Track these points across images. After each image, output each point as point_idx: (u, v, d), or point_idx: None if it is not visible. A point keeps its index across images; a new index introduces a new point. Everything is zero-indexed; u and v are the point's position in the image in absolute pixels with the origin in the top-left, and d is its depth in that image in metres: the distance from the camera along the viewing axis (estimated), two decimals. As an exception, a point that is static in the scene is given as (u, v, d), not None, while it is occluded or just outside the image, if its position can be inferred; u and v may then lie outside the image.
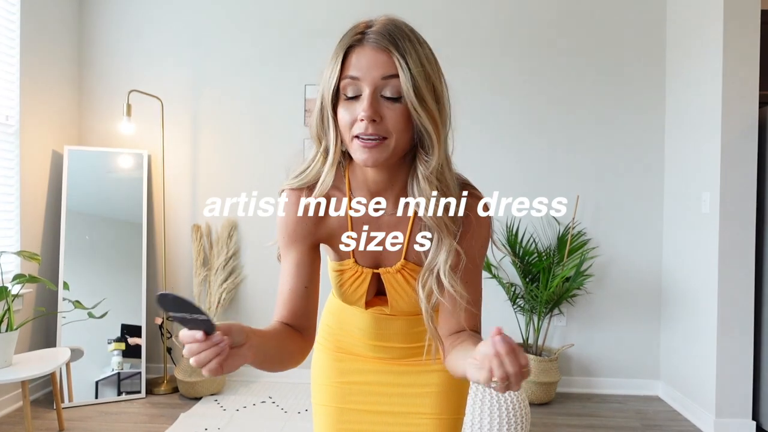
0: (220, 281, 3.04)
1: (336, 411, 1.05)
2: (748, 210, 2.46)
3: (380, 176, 0.88)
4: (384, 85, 0.79)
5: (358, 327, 1.03)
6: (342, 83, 0.81)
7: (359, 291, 0.95)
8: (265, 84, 3.15)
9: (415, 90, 0.78)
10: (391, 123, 0.79)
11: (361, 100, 0.79)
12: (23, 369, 2.19)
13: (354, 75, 0.80)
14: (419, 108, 0.79)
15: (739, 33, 2.45)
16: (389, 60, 0.79)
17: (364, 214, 0.91)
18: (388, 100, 0.79)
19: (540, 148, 3.08)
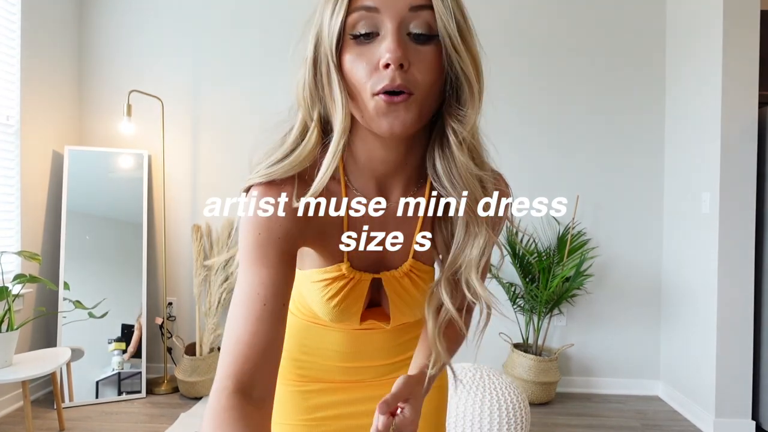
0: (220, 281, 3.04)
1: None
2: (748, 210, 2.46)
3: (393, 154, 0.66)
4: (411, 18, 0.58)
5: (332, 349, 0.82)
6: (350, 19, 0.58)
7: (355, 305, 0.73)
8: (266, 84, 3.16)
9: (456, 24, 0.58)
10: (421, 71, 0.58)
11: (382, 39, 0.58)
12: (24, 369, 2.19)
13: (370, 5, 0.58)
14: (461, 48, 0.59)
15: (738, 33, 2.45)
16: None
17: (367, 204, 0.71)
18: (417, 40, 0.59)
19: (540, 147, 3.08)
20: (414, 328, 0.86)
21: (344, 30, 0.59)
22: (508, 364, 2.90)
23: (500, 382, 1.92)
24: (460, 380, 0.77)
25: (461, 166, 0.65)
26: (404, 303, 0.75)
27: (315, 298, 0.74)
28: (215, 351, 2.95)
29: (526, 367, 2.80)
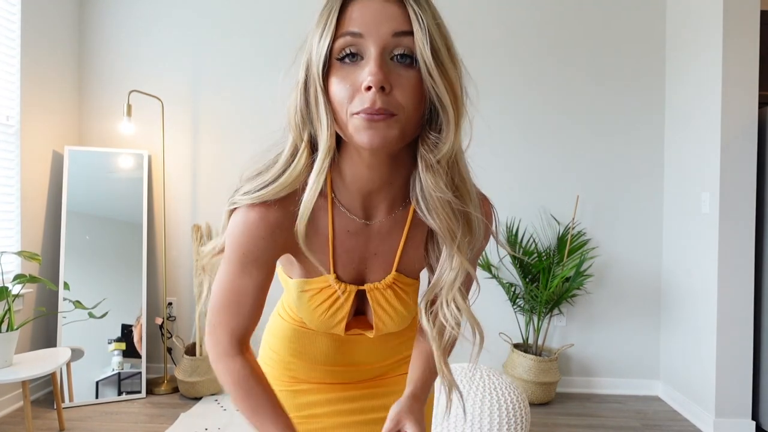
0: (220, 281, 3.04)
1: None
2: (748, 210, 2.46)
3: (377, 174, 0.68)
4: (394, 44, 0.60)
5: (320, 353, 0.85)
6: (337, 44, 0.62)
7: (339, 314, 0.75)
8: (266, 84, 3.16)
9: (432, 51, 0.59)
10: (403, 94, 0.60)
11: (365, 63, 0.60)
12: (24, 369, 2.19)
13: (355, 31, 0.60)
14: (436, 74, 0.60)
15: (738, 33, 2.45)
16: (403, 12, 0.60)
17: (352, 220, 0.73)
18: (400, 64, 0.61)
19: (540, 148, 3.08)
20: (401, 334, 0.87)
21: (331, 54, 0.62)
22: (508, 365, 2.90)
23: (500, 382, 1.92)
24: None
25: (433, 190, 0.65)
26: (387, 314, 0.77)
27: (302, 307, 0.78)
28: (215, 351, 2.95)
29: (526, 367, 2.80)
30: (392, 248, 0.75)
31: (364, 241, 0.74)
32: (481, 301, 3.18)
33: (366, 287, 0.77)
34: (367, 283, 0.77)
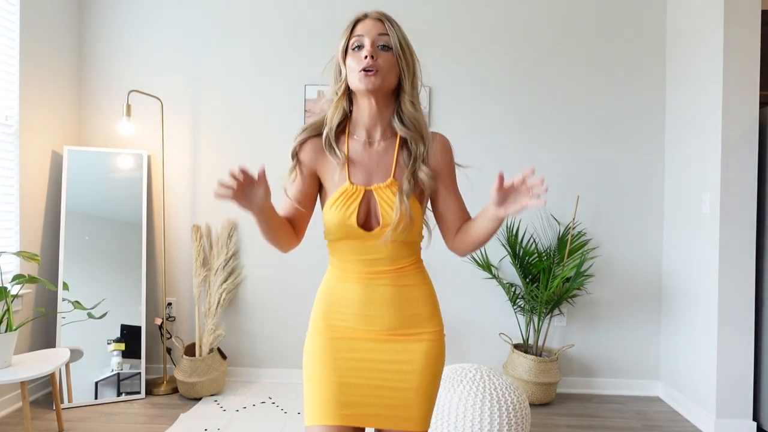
0: (219, 281, 3.03)
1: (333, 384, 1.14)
2: (749, 210, 2.46)
3: (373, 112, 1.17)
4: (379, 39, 1.14)
5: (350, 297, 1.18)
6: (351, 41, 1.16)
7: (351, 206, 1.14)
8: (265, 84, 3.15)
9: (399, 44, 1.15)
10: (383, 63, 1.13)
11: (364, 48, 1.13)
12: (23, 369, 2.19)
13: (360, 33, 1.15)
14: (401, 55, 1.15)
15: (739, 33, 2.44)
16: (383, 26, 1.15)
17: (362, 148, 1.19)
18: (382, 49, 1.14)
19: (541, 148, 3.08)
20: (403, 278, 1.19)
21: (347, 47, 1.17)
22: (509, 365, 2.89)
23: (500, 382, 1.92)
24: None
25: (410, 114, 1.17)
26: (389, 206, 1.13)
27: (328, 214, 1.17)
28: (215, 351, 2.94)
29: (526, 367, 2.80)
30: (388, 164, 1.18)
31: (368, 157, 1.18)
32: (482, 302, 3.21)
33: (372, 187, 1.16)
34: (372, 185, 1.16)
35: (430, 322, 1.18)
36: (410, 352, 1.15)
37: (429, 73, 3.10)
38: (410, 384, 1.14)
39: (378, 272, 1.17)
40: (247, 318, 3.17)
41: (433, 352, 1.17)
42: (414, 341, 1.16)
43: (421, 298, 1.19)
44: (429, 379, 1.16)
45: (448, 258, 3.06)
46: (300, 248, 3.26)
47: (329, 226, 1.17)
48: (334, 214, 1.14)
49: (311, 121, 1.23)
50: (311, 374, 1.16)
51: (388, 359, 1.15)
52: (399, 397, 1.13)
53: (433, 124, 3.09)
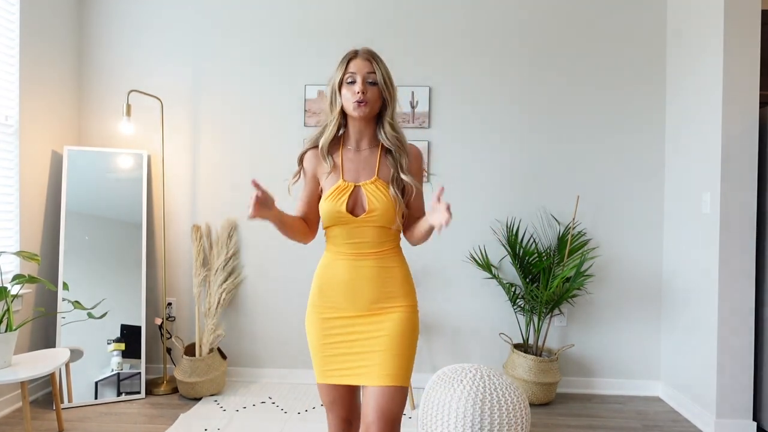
0: (219, 281, 3.03)
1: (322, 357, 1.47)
2: (749, 210, 2.46)
3: (361, 129, 1.49)
4: (368, 77, 1.44)
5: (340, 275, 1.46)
6: (345, 77, 1.45)
7: (343, 198, 1.43)
8: (265, 84, 3.15)
9: (383, 80, 1.45)
10: (371, 95, 1.44)
11: (357, 83, 1.43)
12: (23, 369, 2.19)
13: (353, 71, 1.44)
14: (385, 88, 1.45)
15: (739, 33, 2.44)
16: (371, 65, 1.45)
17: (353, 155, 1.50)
18: (370, 85, 1.44)
19: (540, 148, 3.07)
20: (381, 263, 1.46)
21: (342, 80, 1.45)
22: (509, 365, 2.89)
23: (500, 382, 1.92)
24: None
25: (390, 133, 1.47)
26: (374, 197, 1.43)
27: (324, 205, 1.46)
28: (215, 351, 2.94)
29: (526, 367, 2.80)
30: (372, 166, 1.48)
31: (356, 162, 1.49)
32: (482, 302, 3.21)
33: (360, 183, 1.46)
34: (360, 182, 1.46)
35: (405, 298, 1.45)
36: (384, 322, 1.43)
37: (429, 73, 3.10)
38: (381, 346, 1.40)
39: (363, 254, 1.45)
40: (247, 318, 3.17)
41: (403, 319, 1.43)
42: (388, 313, 1.43)
43: (398, 278, 1.47)
44: (397, 341, 1.41)
45: (448, 258, 3.08)
46: (300, 249, 3.26)
47: (324, 214, 1.46)
48: (328, 204, 1.44)
49: (311, 135, 1.52)
50: (309, 341, 1.50)
51: (365, 330, 1.43)
52: (373, 357, 1.40)
53: (432, 123, 3.09)
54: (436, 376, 1.98)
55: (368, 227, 1.44)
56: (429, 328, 3.10)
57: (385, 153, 1.48)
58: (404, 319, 1.43)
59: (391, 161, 1.47)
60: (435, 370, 3.08)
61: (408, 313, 1.44)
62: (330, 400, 1.46)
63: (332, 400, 1.46)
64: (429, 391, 1.96)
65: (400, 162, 1.46)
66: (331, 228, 1.48)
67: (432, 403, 1.91)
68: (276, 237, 3.14)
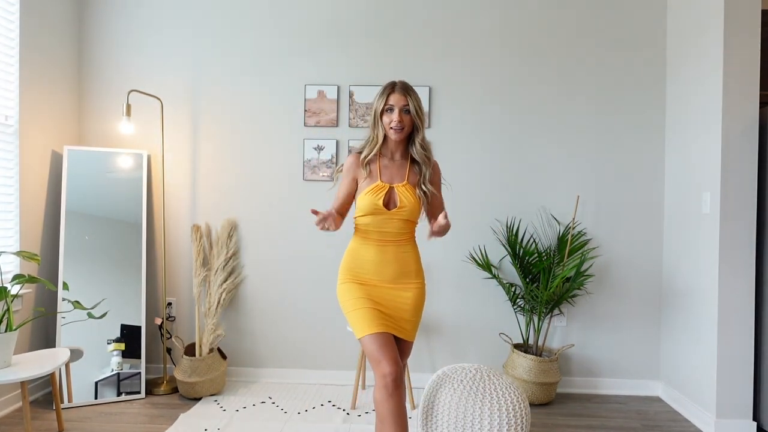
0: (219, 281, 3.03)
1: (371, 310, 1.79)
2: (749, 210, 2.46)
3: (397, 146, 1.89)
4: (403, 108, 1.82)
5: (370, 256, 1.85)
6: (385, 106, 1.83)
7: (380, 195, 1.81)
8: (266, 84, 3.15)
9: (415, 110, 1.83)
10: (406, 122, 1.83)
11: (394, 113, 1.81)
12: (22, 369, 2.19)
13: (392, 103, 1.82)
14: (416, 116, 1.84)
15: (739, 33, 2.44)
16: (405, 99, 1.82)
17: (388, 162, 1.89)
18: (405, 113, 1.82)
19: (541, 148, 3.07)
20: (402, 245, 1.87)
21: (383, 108, 1.84)
22: (509, 365, 2.89)
23: (500, 382, 1.92)
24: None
25: (419, 151, 1.86)
26: (404, 197, 1.82)
27: (364, 199, 1.82)
28: (215, 351, 2.94)
29: (526, 367, 2.80)
30: (403, 173, 1.88)
31: (391, 169, 1.88)
32: (482, 301, 3.20)
33: (394, 185, 1.84)
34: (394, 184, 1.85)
35: (418, 276, 1.89)
36: (405, 296, 1.84)
37: (429, 73, 3.10)
38: (407, 315, 1.84)
39: (387, 240, 1.85)
40: (247, 318, 3.17)
41: (419, 295, 1.88)
42: (407, 289, 1.85)
43: (412, 261, 1.89)
44: (416, 311, 1.88)
45: (448, 258, 3.07)
46: (300, 249, 3.23)
47: (363, 205, 1.83)
48: (368, 197, 1.82)
49: (357, 147, 1.95)
50: (353, 306, 1.79)
51: (393, 298, 1.83)
52: (403, 319, 1.83)
53: (432, 123, 3.09)
54: (436, 376, 1.98)
55: (396, 220, 1.83)
56: (429, 328, 3.11)
57: (413, 164, 1.89)
58: (419, 295, 1.88)
59: (417, 171, 1.88)
60: (435, 370, 3.08)
61: (421, 288, 1.89)
62: (381, 344, 1.72)
63: (383, 344, 1.72)
64: (429, 391, 1.96)
65: (425, 174, 1.86)
66: (364, 217, 1.84)
67: (432, 403, 1.91)
68: (276, 237, 3.15)
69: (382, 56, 3.09)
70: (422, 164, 1.86)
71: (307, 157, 3.11)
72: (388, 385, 1.67)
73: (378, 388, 1.69)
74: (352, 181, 1.89)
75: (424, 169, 1.86)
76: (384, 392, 1.67)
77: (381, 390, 1.68)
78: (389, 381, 1.67)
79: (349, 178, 1.89)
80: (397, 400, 1.69)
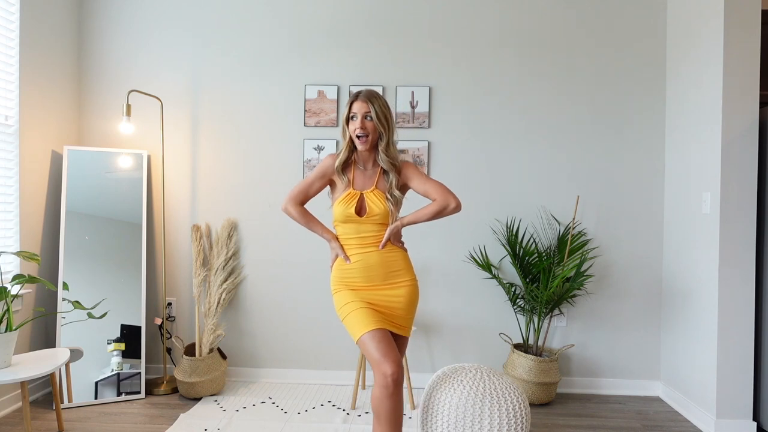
0: (219, 281, 3.03)
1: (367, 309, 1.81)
2: (749, 210, 2.46)
3: (365, 155, 1.92)
4: (365, 114, 1.84)
5: (357, 268, 1.87)
6: (349, 114, 1.87)
7: (352, 202, 1.85)
8: (265, 84, 3.15)
9: (376, 116, 1.84)
10: (369, 129, 1.85)
11: (357, 120, 1.85)
12: (22, 369, 2.19)
13: (354, 111, 1.85)
14: (378, 123, 1.85)
15: (739, 33, 2.44)
16: (367, 105, 1.84)
17: (362, 170, 1.92)
18: (368, 120, 1.85)
19: (541, 148, 3.07)
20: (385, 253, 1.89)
21: (347, 116, 1.88)
22: (509, 365, 2.89)
23: (500, 382, 1.92)
24: None
25: (384, 157, 1.88)
26: (373, 202, 1.85)
27: (337, 207, 1.86)
28: (215, 351, 2.94)
29: (526, 367, 2.80)
30: (373, 180, 1.90)
31: (363, 177, 1.91)
32: (482, 302, 3.20)
33: (364, 192, 1.87)
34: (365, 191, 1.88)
35: (408, 273, 1.91)
36: (397, 294, 1.87)
37: (429, 73, 3.10)
38: (400, 311, 1.86)
39: (368, 244, 1.88)
40: (247, 318, 3.17)
41: (411, 292, 1.89)
42: (398, 287, 1.88)
43: (399, 259, 1.90)
44: (410, 307, 1.90)
45: (448, 258, 3.07)
46: (300, 249, 3.23)
47: (337, 214, 1.87)
48: (340, 207, 1.86)
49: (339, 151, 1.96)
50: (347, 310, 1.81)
51: (385, 297, 1.86)
52: (396, 315, 1.86)
53: (432, 123, 3.09)
54: (436, 376, 1.98)
55: (370, 224, 1.86)
56: (429, 328, 3.10)
57: (383, 171, 1.91)
58: (412, 292, 1.90)
59: (387, 178, 1.91)
60: (435, 370, 3.08)
61: (414, 286, 1.92)
62: (379, 340, 1.73)
63: (381, 339, 1.73)
64: (429, 391, 1.96)
65: (391, 181, 1.89)
66: (341, 225, 1.89)
67: (432, 403, 1.91)
68: (276, 237, 3.15)
69: (382, 56, 3.09)
70: (389, 171, 1.88)
71: (307, 157, 3.11)
72: (389, 384, 1.66)
73: (378, 386, 1.69)
74: (323, 180, 1.93)
75: (390, 176, 1.88)
76: (384, 391, 1.67)
77: (381, 389, 1.68)
78: (390, 381, 1.66)
79: (322, 178, 1.92)
80: (396, 400, 1.69)
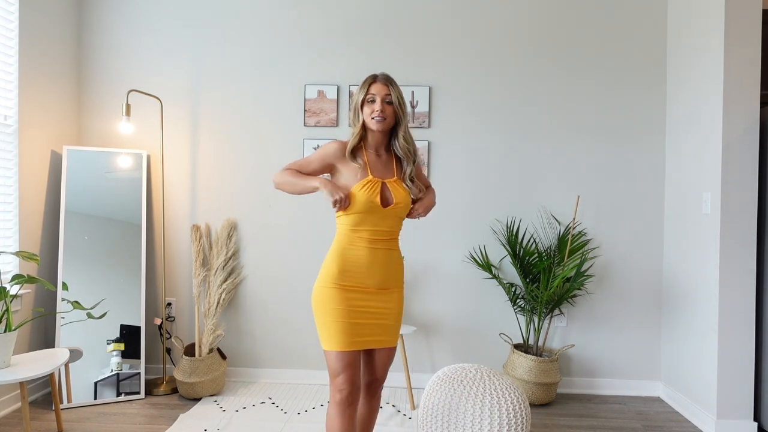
0: (219, 281, 3.03)
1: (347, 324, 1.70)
2: (749, 210, 2.46)
3: (379, 140, 1.79)
4: (385, 98, 1.73)
5: (360, 259, 1.73)
6: (367, 97, 1.74)
7: (375, 190, 1.71)
8: (265, 84, 3.15)
9: (397, 101, 1.75)
10: (387, 112, 1.74)
11: (376, 103, 1.73)
12: (22, 370, 2.18)
13: (373, 93, 1.74)
14: (398, 107, 1.75)
15: (740, 33, 2.44)
16: (387, 89, 1.74)
17: (374, 157, 1.79)
18: (387, 104, 1.74)
19: (540, 148, 3.07)
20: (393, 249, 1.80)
21: (364, 99, 1.74)
22: (509, 365, 2.89)
23: (501, 382, 1.91)
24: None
25: (403, 144, 1.78)
26: (396, 192, 1.74)
27: (359, 194, 1.69)
28: (214, 352, 2.94)
29: (526, 367, 2.80)
30: (391, 169, 1.80)
31: (379, 164, 1.78)
32: (482, 302, 3.19)
33: (386, 181, 1.75)
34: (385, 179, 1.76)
35: (398, 283, 1.82)
36: (389, 301, 1.77)
37: (429, 73, 3.10)
38: (390, 320, 1.78)
39: (378, 239, 1.74)
40: (247, 318, 3.17)
41: (399, 299, 1.83)
42: (389, 293, 1.78)
43: (397, 264, 1.82)
44: (399, 317, 1.83)
45: (448, 258, 3.07)
46: (299, 250, 3.22)
47: (359, 202, 1.69)
48: (364, 194, 1.69)
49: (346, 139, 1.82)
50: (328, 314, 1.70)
51: (378, 305, 1.75)
52: (385, 326, 1.77)
53: (432, 123, 3.09)
54: (436, 376, 1.98)
55: (390, 217, 1.74)
56: (429, 328, 3.10)
57: (398, 159, 1.82)
58: (400, 299, 1.83)
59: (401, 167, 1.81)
60: (435, 370, 3.07)
61: (401, 293, 1.85)
62: (346, 363, 1.67)
63: (348, 364, 1.68)
64: (429, 391, 1.96)
65: (406, 170, 1.79)
66: (357, 215, 1.71)
67: (432, 403, 1.91)
68: (276, 237, 3.14)
69: (382, 56, 3.08)
70: (404, 159, 1.78)
71: (306, 157, 3.11)
72: (343, 401, 1.66)
73: (332, 404, 1.68)
74: (322, 164, 1.77)
75: (405, 165, 1.78)
76: (337, 408, 1.66)
77: (334, 406, 1.67)
78: (344, 397, 1.66)
79: (322, 161, 1.76)
80: (349, 419, 1.68)
